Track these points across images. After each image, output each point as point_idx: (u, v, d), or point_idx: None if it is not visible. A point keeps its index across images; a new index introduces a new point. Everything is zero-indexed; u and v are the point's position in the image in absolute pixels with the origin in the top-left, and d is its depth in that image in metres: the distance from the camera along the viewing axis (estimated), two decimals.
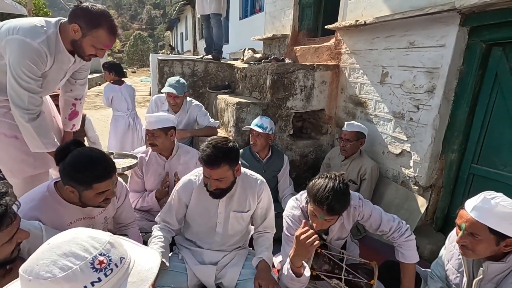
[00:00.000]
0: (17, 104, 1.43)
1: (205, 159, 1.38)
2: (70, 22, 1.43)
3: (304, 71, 2.60)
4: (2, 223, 0.89)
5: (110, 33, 1.46)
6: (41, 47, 1.39)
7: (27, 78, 1.39)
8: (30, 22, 1.42)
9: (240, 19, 6.66)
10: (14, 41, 1.35)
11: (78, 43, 1.46)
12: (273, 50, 4.09)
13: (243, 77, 3.25)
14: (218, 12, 3.75)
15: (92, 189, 1.27)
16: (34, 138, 1.50)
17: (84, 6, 1.42)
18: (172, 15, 19.97)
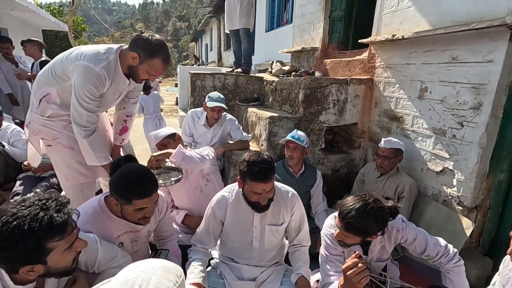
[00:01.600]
0: (77, 122, 1.56)
1: (260, 175, 1.40)
2: (130, 50, 1.56)
3: (337, 85, 2.59)
4: (65, 230, 0.94)
5: (164, 62, 1.59)
6: (102, 72, 1.52)
7: (87, 99, 1.53)
8: (95, 49, 1.57)
9: (266, 31, 6.76)
10: (80, 66, 1.49)
11: (134, 69, 1.59)
12: (302, 62, 4.11)
13: (273, 90, 3.28)
14: (248, 26, 3.84)
15: (131, 205, 1.33)
16: (89, 152, 1.63)
17: (144, 37, 1.55)
18: (196, 26, 20.76)
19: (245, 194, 1.52)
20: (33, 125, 1.69)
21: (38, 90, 1.65)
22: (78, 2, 8.55)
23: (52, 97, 1.64)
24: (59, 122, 1.67)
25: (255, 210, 1.50)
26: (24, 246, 0.84)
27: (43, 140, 1.73)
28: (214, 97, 2.52)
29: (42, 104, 1.65)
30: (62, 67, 1.58)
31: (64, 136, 1.69)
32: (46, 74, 1.65)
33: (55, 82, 1.61)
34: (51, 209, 0.91)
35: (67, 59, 1.57)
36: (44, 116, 1.66)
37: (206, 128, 2.65)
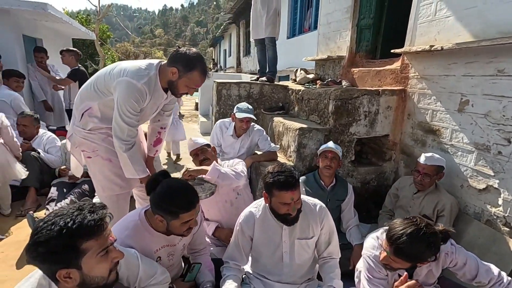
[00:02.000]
0: (118, 136, 1.60)
1: (286, 183, 1.39)
2: (169, 65, 1.59)
3: (369, 97, 2.53)
4: (97, 229, 0.94)
5: (202, 74, 1.61)
6: (143, 87, 1.55)
7: (129, 114, 1.57)
8: (137, 65, 1.60)
9: (288, 38, 6.76)
10: (122, 82, 1.53)
11: (174, 83, 1.62)
12: (327, 70, 4.06)
13: (299, 99, 3.25)
14: (273, 35, 3.83)
15: (178, 219, 1.34)
16: (129, 166, 1.66)
17: (182, 51, 1.58)
18: (214, 31, 21.04)
19: (273, 208, 1.49)
20: (74, 137, 1.75)
21: (81, 104, 1.70)
22: (104, 11, 8.89)
23: (94, 111, 1.69)
24: (98, 135, 1.72)
25: (284, 224, 1.48)
26: (58, 241, 0.86)
27: (83, 152, 1.79)
28: (243, 108, 2.53)
29: (84, 118, 1.70)
30: (104, 82, 1.63)
31: (103, 148, 1.74)
32: (88, 88, 1.71)
33: (97, 96, 1.66)
34: (85, 209, 0.94)
35: (110, 75, 1.62)
36: (85, 129, 1.71)
37: (234, 139, 2.65)
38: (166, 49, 57.82)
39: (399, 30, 3.27)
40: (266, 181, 1.46)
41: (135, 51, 28.72)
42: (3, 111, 3.44)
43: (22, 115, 3.13)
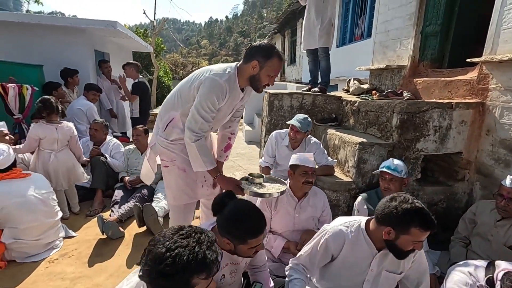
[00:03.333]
0: (190, 127, 1.65)
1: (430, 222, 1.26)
2: (248, 61, 1.65)
3: (440, 110, 2.31)
4: (212, 269, 0.91)
5: (280, 59, 1.67)
6: (225, 84, 1.63)
7: (207, 109, 1.62)
8: (220, 66, 1.71)
9: (337, 46, 6.59)
10: (207, 79, 1.62)
11: (256, 76, 1.67)
12: (384, 81, 3.84)
13: (356, 111, 3.10)
14: (327, 46, 3.74)
15: (246, 244, 1.31)
16: (197, 157, 1.69)
17: (256, 44, 1.66)
18: (256, 40, 21.44)
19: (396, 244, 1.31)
20: (157, 147, 1.84)
21: (165, 115, 1.79)
22: (160, 26, 9.58)
23: (176, 121, 1.77)
24: (178, 145, 1.80)
25: (399, 258, 1.36)
26: (181, 277, 0.85)
27: (162, 161, 1.87)
28: (298, 118, 2.48)
29: (168, 128, 1.79)
30: (189, 88, 1.70)
31: (180, 158, 1.82)
32: (172, 98, 1.80)
33: (180, 106, 1.74)
34: (204, 244, 0.91)
35: (193, 79, 1.70)
36: (168, 139, 1.80)
37: (289, 150, 2.60)
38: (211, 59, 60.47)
39: (471, 37, 2.99)
40: (400, 215, 1.27)
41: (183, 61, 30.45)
42: (79, 118, 3.86)
43: (95, 121, 3.47)
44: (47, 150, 2.74)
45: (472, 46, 2.86)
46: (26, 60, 3.98)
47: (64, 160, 2.81)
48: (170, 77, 12.94)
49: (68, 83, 4.14)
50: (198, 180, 1.89)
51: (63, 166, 2.80)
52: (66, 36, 4.38)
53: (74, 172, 2.91)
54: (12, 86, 3.22)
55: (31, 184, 2.21)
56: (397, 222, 1.28)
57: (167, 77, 12.17)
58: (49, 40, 4.34)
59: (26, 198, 2.13)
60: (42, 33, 4.29)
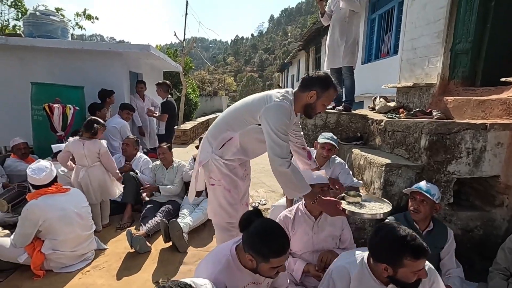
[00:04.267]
0: (278, 155, 1.67)
1: (423, 249, 1.25)
2: (305, 90, 1.75)
3: (473, 131, 2.22)
4: None
5: (336, 90, 1.77)
6: (290, 108, 1.73)
7: (284, 131, 1.69)
8: (279, 92, 1.78)
9: (363, 63, 6.54)
10: (273, 106, 1.69)
11: (312, 105, 1.77)
12: (411, 99, 3.75)
13: (382, 131, 3.04)
14: (351, 65, 3.75)
15: (268, 263, 1.32)
16: (292, 183, 1.70)
17: (314, 75, 1.75)
18: (281, 57, 21.90)
19: (398, 279, 1.31)
20: (210, 165, 1.90)
21: (221, 134, 1.87)
22: (189, 47, 10.10)
23: (235, 141, 1.85)
24: (230, 165, 1.88)
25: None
26: None
27: (210, 179, 1.93)
28: (326, 136, 2.51)
29: (225, 147, 1.87)
30: (247, 111, 1.80)
31: (228, 178, 1.89)
32: (226, 120, 1.89)
33: (239, 127, 1.83)
34: None
35: (253, 105, 1.79)
36: (222, 158, 1.87)
37: None
38: (236, 75, 62.20)
39: (506, 54, 2.86)
40: (393, 248, 1.27)
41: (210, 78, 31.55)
42: (113, 135, 4.12)
43: (127, 137, 3.71)
44: (79, 165, 2.95)
45: (507, 64, 2.74)
46: (70, 82, 4.37)
47: (95, 175, 2.97)
48: (197, 94, 13.45)
49: (106, 102, 4.47)
50: (242, 200, 1.98)
51: (95, 181, 2.97)
52: (104, 59, 4.77)
53: (105, 187, 3.08)
54: (57, 106, 3.54)
55: (69, 198, 2.39)
56: (388, 257, 1.28)
57: (194, 94, 12.67)
58: (90, 63, 4.75)
59: (66, 211, 2.29)
60: (84, 57, 4.71)
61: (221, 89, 31.14)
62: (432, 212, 1.98)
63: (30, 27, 5.18)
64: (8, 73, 4.64)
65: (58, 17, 5.55)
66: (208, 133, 1.96)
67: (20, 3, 8.40)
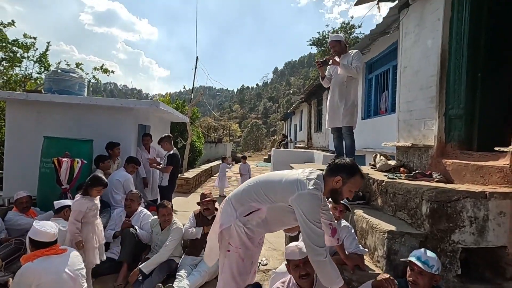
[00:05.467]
0: (317, 244, 1.71)
1: None
2: (332, 175, 1.82)
3: (473, 200, 2.22)
4: None
5: (362, 177, 1.85)
6: (321, 196, 1.79)
7: (319, 220, 1.74)
8: (310, 177, 1.80)
9: (362, 119, 6.79)
10: (306, 195, 1.72)
11: (338, 191, 1.83)
12: (411, 158, 3.81)
13: (383, 191, 3.05)
14: (351, 125, 3.90)
15: None
16: (328, 273, 1.71)
17: (340, 162, 1.84)
18: (284, 105, 22.86)
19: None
20: (232, 230, 1.91)
21: (246, 203, 1.91)
22: (197, 99, 10.65)
23: (262, 213, 1.89)
24: (249, 235, 1.90)
25: None
26: None
27: (228, 245, 1.92)
28: None
29: (251, 216, 1.90)
30: (278, 192, 1.84)
31: (244, 248, 1.90)
32: (254, 191, 1.92)
33: (266, 202, 1.87)
34: None
35: (283, 186, 1.82)
36: (245, 226, 1.89)
37: None
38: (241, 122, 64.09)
39: (500, 119, 2.98)
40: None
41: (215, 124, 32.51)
42: (116, 188, 4.15)
43: (131, 192, 3.72)
44: None
45: (502, 129, 2.83)
46: (82, 135, 4.57)
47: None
48: (202, 141, 13.77)
49: (111, 154, 4.60)
50: (251, 270, 1.97)
51: None
52: (116, 114, 5.03)
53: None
54: (65, 160, 3.66)
55: (66, 260, 2.33)
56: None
57: (199, 142, 12.97)
58: (102, 117, 5.00)
59: (59, 275, 2.22)
60: (97, 111, 4.98)
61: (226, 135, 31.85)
62: (431, 284, 1.89)
63: (50, 82, 5.58)
64: (24, 126, 4.89)
65: (77, 73, 6.01)
66: (233, 197, 1.98)
67: (45, 58, 9.17)
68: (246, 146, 46.08)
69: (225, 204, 2.01)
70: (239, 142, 50.86)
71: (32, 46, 8.93)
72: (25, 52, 8.84)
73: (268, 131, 59.53)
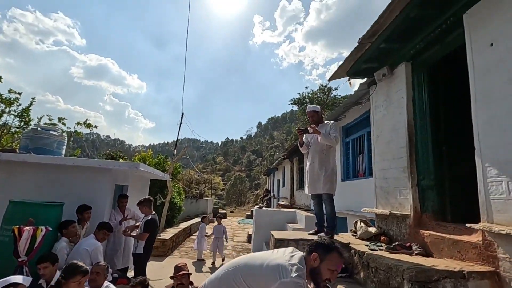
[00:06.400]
0: None
1: None
2: (309, 254, 1.80)
3: (453, 280, 2.19)
4: None
5: (340, 255, 1.81)
6: (305, 283, 1.70)
7: None
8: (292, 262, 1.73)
9: (342, 180, 6.93)
10: (288, 284, 1.63)
11: (317, 269, 1.77)
12: (390, 226, 3.82)
13: (365, 264, 2.97)
14: (331, 192, 3.95)
15: None
16: None
17: (318, 240, 1.87)
18: (267, 158, 23.21)
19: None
20: None
21: None
22: (180, 155, 10.64)
23: None
24: None
25: None
26: None
27: None
28: None
29: None
30: (257, 278, 1.75)
31: None
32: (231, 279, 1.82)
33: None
34: None
35: (265, 272, 1.73)
36: None
37: None
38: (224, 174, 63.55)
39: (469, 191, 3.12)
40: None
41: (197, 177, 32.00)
42: (82, 258, 3.79)
43: (98, 264, 3.38)
44: None
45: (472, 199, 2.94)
46: (53, 197, 4.31)
47: None
48: (182, 197, 13.35)
49: (80, 219, 4.32)
50: None
51: None
52: (93, 174, 4.87)
53: None
54: (27, 229, 3.37)
55: None
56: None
57: (179, 198, 12.55)
58: (77, 178, 4.81)
59: None
60: (72, 171, 4.81)
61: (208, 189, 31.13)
62: None
63: (27, 140, 5.45)
64: None
65: (57, 131, 5.95)
66: (209, 285, 1.90)
67: (26, 113, 9.11)
68: (229, 200, 44.92)
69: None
70: (221, 195, 49.65)
71: (16, 101, 8.93)
72: (7, 107, 8.78)
73: (252, 184, 58.99)
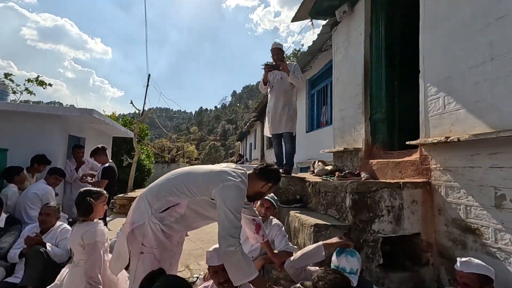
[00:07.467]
0: (231, 234, 1.61)
1: None
2: (262, 180, 1.88)
3: (389, 190, 2.35)
4: None
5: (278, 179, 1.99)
6: (245, 189, 1.76)
7: (240, 213, 1.69)
8: (236, 172, 1.80)
9: (307, 132, 7.08)
10: (231, 187, 1.68)
11: (263, 194, 1.95)
12: (345, 162, 4.00)
13: (316, 192, 3.10)
14: (292, 131, 3.99)
15: None
16: (240, 266, 1.61)
17: (273, 168, 1.94)
18: (243, 128, 23.33)
19: None
20: (145, 227, 1.71)
21: (165, 197, 1.76)
22: (145, 114, 10.22)
23: (180, 208, 1.78)
24: (166, 232, 1.76)
25: None
26: None
27: (140, 246, 1.72)
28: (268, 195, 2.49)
29: (168, 212, 1.76)
30: (202, 183, 1.75)
31: (161, 247, 1.75)
32: (173, 185, 1.79)
33: (187, 195, 1.76)
34: None
35: (209, 178, 1.75)
36: (161, 222, 1.74)
37: None
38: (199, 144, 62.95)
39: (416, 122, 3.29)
40: None
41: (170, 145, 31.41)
42: (32, 202, 3.63)
43: (47, 205, 3.22)
44: None
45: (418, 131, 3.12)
46: None
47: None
48: (152, 160, 13.08)
49: (33, 168, 4.07)
50: (170, 272, 1.78)
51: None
52: (40, 122, 4.52)
53: None
54: None
55: None
56: None
57: (148, 161, 12.29)
58: (23, 125, 4.45)
59: None
60: (17, 118, 4.43)
61: (181, 157, 30.82)
62: None
63: None
64: None
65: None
66: (148, 192, 1.82)
67: None
68: None
69: (139, 200, 1.83)
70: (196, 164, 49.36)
71: None
72: None
73: (227, 153, 59.19)
